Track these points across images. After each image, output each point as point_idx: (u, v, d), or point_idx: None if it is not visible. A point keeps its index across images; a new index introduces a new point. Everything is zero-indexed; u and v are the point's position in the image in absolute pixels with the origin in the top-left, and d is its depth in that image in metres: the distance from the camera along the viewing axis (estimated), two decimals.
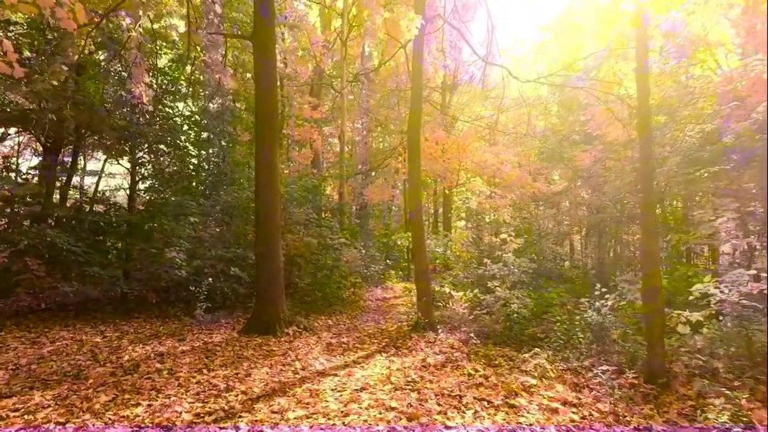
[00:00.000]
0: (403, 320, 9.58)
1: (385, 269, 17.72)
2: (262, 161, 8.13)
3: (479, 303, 8.12)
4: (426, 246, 8.63)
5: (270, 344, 7.13)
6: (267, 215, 8.08)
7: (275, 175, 8.13)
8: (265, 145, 8.11)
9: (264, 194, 8.11)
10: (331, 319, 9.72)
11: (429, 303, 8.26)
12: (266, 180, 8.09)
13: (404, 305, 12.70)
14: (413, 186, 8.62)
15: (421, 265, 8.40)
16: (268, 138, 8.12)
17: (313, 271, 11.41)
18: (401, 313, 11.13)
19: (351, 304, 11.79)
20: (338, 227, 13.74)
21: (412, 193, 8.45)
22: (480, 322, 8.02)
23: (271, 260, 8.02)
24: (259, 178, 8.20)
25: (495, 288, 7.91)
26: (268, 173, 8.09)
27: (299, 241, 11.45)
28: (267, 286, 8.00)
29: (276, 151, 8.20)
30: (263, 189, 8.12)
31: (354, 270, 13.11)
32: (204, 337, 7.64)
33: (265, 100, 8.13)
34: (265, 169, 8.11)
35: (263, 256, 8.05)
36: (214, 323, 8.82)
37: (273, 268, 8.03)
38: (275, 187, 8.12)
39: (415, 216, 8.64)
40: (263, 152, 8.12)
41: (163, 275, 10.01)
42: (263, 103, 8.15)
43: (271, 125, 8.14)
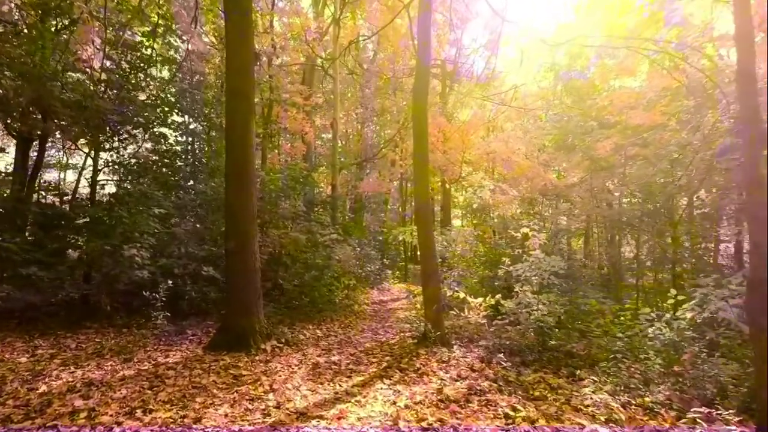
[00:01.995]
0: (407, 330, 7.97)
1: (382, 269, 16.12)
2: (234, 138, 6.51)
3: (501, 310, 6.53)
4: (435, 242, 7.03)
5: (240, 365, 5.50)
6: (239, 204, 6.45)
7: (249, 156, 6.51)
8: (237, 117, 6.49)
9: (236, 179, 6.48)
10: (321, 329, 8.09)
11: (440, 311, 6.68)
12: (238, 161, 6.47)
13: (404, 310, 11.10)
14: (420, 171, 7.03)
15: (429, 265, 6.81)
16: (241, 109, 6.49)
17: (300, 271, 9.77)
18: (402, 320, 9.53)
19: (344, 309, 10.17)
20: (330, 222, 12.10)
21: (418, 179, 6.88)
22: (501, 334, 6.45)
23: (244, 258, 6.39)
24: (230, 158, 6.57)
25: (521, 292, 6.33)
26: (241, 152, 6.47)
27: (285, 237, 9.81)
28: (239, 291, 6.36)
29: (251, 127, 6.57)
30: (235, 172, 6.50)
31: (347, 270, 11.48)
32: (158, 355, 5.98)
33: (237, 65, 6.50)
34: (237, 148, 6.48)
35: (235, 254, 6.42)
36: (178, 335, 7.17)
37: (247, 267, 6.40)
38: (249, 171, 6.50)
39: (422, 207, 7.05)
40: (235, 127, 6.50)
41: (122, 277, 8.37)
42: (235, 68, 6.53)
43: (245, 93, 6.51)
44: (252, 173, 6.53)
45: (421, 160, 7.12)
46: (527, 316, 6.17)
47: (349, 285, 11.48)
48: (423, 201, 7.05)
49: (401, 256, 20.46)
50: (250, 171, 6.49)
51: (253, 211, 6.56)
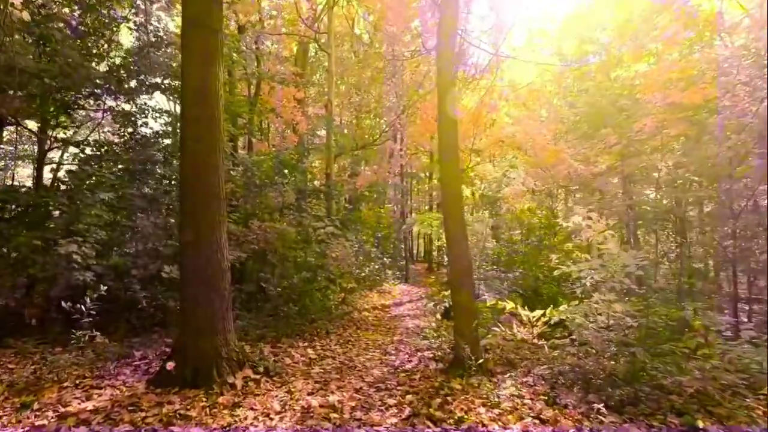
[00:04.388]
0: (424, 348, 6.05)
1: (382, 268, 14.17)
2: (191, 84, 4.54)
3: (567, 328, 4.65)
4: (467, 236, 5.11)
5: (191, 415, 3.54)
6: (199, 178, 4.49)
7: (212, 109, 4.55)
8: (194, 55, 4.52)
9: (194, 142, 4.51)
10: (314, 346, 6.13)
11: (476, 327, 4.77)
12: (197, 117, 4.51)
13: (413, 317, 9.18)
14: (448, 150, 5.15)
15: (460, 265, 4.89)
16: (200, 45, 4.53)
17: (290, 271, 7.79)
18: (414, 331, 7.61)
19: (342, 317, 8.21)
20: (326, 213, 10.13)
21: (446, 158, 5.03)
22: (564, 359, 4.55)
23: (206, 255, 4.43)
24: (186, 113, 4.60)
25: (598, 301, 4.44)
26: (201, 103, 4.50)
27: (271, 230, 7.82)
28: (198, 299, 4.40)
29: (215, 71, 4.60)
30: (193, 134, 4.53)
31: (346, 270, 9.52)
32: (76, 397, 4.00)
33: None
34: (195, 98, 4.51)
35: (192, 249, 4.45)
36: (119, 360, 5.17)
37: (210, 267, 4.43)
38: (212, 131, 4.53)
39: (450, 192, 5.14)
40: (192, 69, 4.53)
41: (59, 280, 6.39)
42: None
43: (206, 23, 4.53)
44: (217, 135, 4.56)
45: (448, 136, 5.21)
46: (604, 335, 4.29)
47: (348, 288, 9.52)
48: (452, 185, 5.13)
49: (401, 254, 18.51)
50: (213, 132, 4.52)
51: (219, 189, 4.59)
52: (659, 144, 9.90)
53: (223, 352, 4.42)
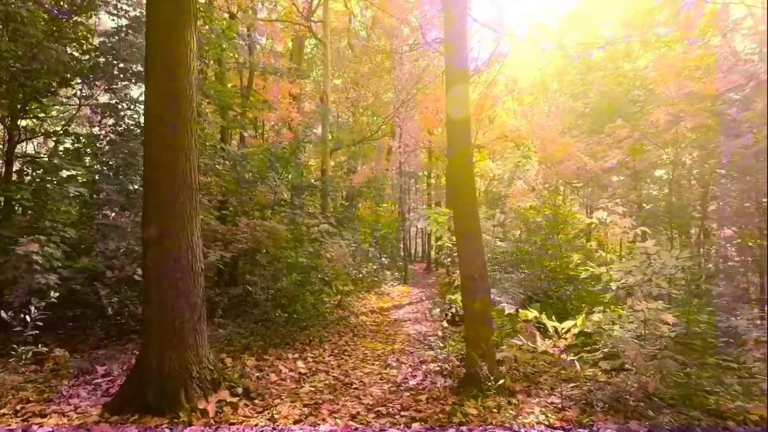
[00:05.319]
0: (428, 360, 5.32)
1: (380, 269, 13.43)
2: (157, 61, 3.81)
3: (593, 338, 3.93)
4: (481, 234, 4.39)
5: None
6: (164, 168, 3.75)
7: (181, 89, 3.80)
8: (159, 23, 3.79)
9: (158, 127, 3.78)
10: (305, 358, 5.39)
11: (491, 340, 4.04)
12: (164, 97, 3.76)
13: (413, 321, 8.47)
14: (457, 133, 4.44)
15: (473, 265, 4.16)
16: (164, 10, 3.78)
17: (281, 272, 7.04)
18: (414, 337, 6.91)
19: (336, 323, 7.46)
20: (320, 210, 9.38)
21: (455, 142, 4.30)
22: (596, 378, 3.82)
23: (173, 254, 3.69)
24: (149, 90, 3.85)
25: (642, 309, 3.72)
26: (169, 84, 3.76)
27: (260, 228, 7.08)
28: (164, 307, 3.65)
29: (186, 44, 3.85)
30: (157, 111, 3.78)
31: (341, 271, 8.78)
32: (15, 425, 3.24)
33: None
34: (162, 78, 3.79)
35: (157, 247, 3.70)
36: (80, 377, 4.42)
37: (176, 271, 3.69)
38: (181, 115, 3.80)
39: (460, 183, 4.42)
40: (157, 41, 3.79)
41: (21, 282, 5.63)
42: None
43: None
44: (186, 114, 3.81)
45: (459, 119, 4.48)
46: (644, 348, 3.57)
47: (344, 291, 8.78)
48: (463, 177, 4.40)
49: (399, 254, 17.78)
50: (182, 110, 3.78)
51: (191, 177, 3.85)
52: (672, 137, 9.22)
53: (193, 370, 3.67)
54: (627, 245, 6.93)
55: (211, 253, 6.31)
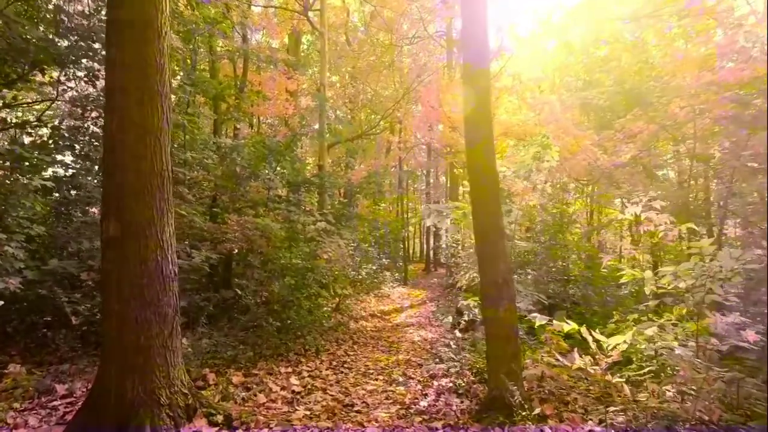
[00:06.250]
0: (438, 374, 4.67)
1: (379, 270, 12.78)
2: (121, 23, 3.13)
3: (635, 353, 3.29)
4: (504, 232, 3.73)
5: None
6: (128, 151, 3.07)
7: (150, 56, 3.13)
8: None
9: (121, 101, 3.10)
10: (299, 372, 4.72)
11: (518, 356, 3.40)
12: (129, 66, 3.10)
13: (416, 326, 7.83)
14: (478, 121, 3.80)
15: (496, 269, 3.51)
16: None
17: (275, 274, 6.37)
18: (420, 345, 6.27)
19: (334, 329, 6.79)
20: (317, 207, 8.71)
21: (475, 122, 3.66)
22: (646, 404, 3.17)
23: (137, 258, 3.02)
24: (111, 59, 3.17)
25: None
26: (135, 51, 3.10)
27: (251, 226, 6.39)
28: (126, 323, 2.97)
29: (154, 2, 3.17)
30: (121, 89, 3.11)
31: (340, 273, 8.11)
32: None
33: None
34: (127, 43, 3.11)
35: (116, 249, 3.02)
36: (35, 399, 3.74)
37: (143, 276, 3.03)
38: (150, 87, 3.13)
39: (482, 177, 3.77)
40: None
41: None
42: None
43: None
44: (156, 87, 3.14)
45: (479, 102, 3.83)
46: (701, 371, 2.93)
47: (342, 294, 8.11)
48: (485, 169, 3.74)
49: (399, 254, 17.15)
50: (151, 81, 3.11)
51: (163, 164, 3.18)
52: (691, 130, 8.61)
53: (162, 396, 3.00)
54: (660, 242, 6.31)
55: (195, 254, 5.63)
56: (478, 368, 4.62)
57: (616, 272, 8.05)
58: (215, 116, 9.50)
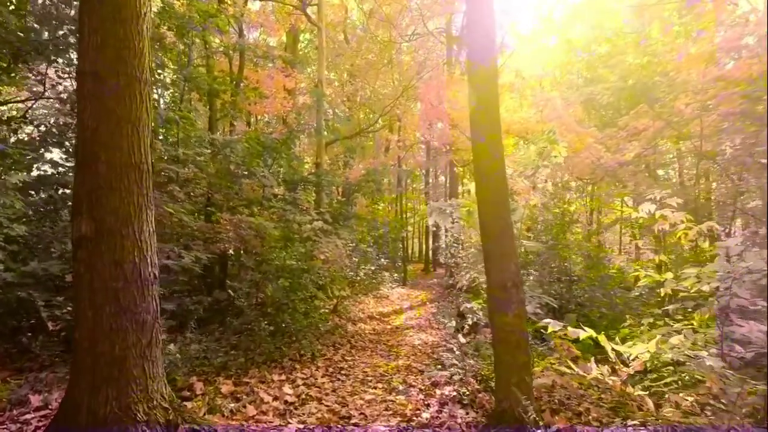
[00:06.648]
0: (442, 381, 4.39)
1: (378, 270, 12.50)
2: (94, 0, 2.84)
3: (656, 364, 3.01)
4: (513, 231, 3.45)
5: None
6: (100, 142, 2.78)
7: (126, 36, 2.85)
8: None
9: (95, 88, 2.81)
10: (293, 380, 4.43)
11: (529, 365, 3.12)
12: (104, 46, 2.81)
13: (416, 328, 7.55)
14: (483, 100, 3.52)
15: (505, 270, 3.23)
16: None
17: (267, 276, 6.07)
18: (420, 349, 5.99)
19: (331, 333, 6.51)
20: (314, 206, 8.41)
21: (481, 115, 3.36)
22: (669, 417, 2.89)
23: (111, 260, 2.72)
24: (83, 39, 2.87)
25: None
26: (111, 29, 2.81)
27: (245, 225, 6.10)
28: (99, 331, 2.68)
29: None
30: (94, 73, 2.82)
31: (338, 273, 7.83)
32: None
33: None
34: (104, 21, 2.82)
35: (88, 249, 2.73)
36: (8, 410, 3.44)
37: (118, 279, 2.74)
38: (127, 71, 2.84)
39: (490, 173, 3.48)
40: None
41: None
42: None
43: None
44: (134, 71, 2.86)
45: (486, 94, 3.55)
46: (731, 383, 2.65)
47: (340, 296, 7.83)
48: (492, 164, 3.46)
49: (399, 254, 16.88)
50: (129, 65, 2.83)
51: (141, 156, 2.89)
52: (697, 127, 8.36)
53: (140, 412, 2.71)
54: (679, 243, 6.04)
55: (185, 254, 5.33)
56: (483, 375, 4.35)
57: (621, 274, 7.80)
58: (210, 113, 9.21)
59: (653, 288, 4.53)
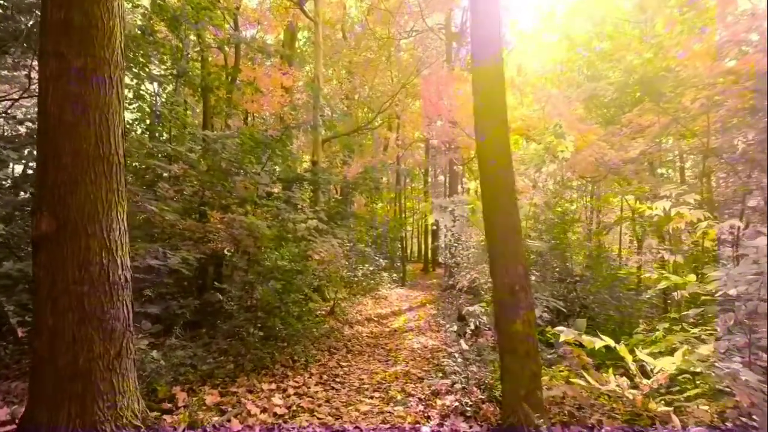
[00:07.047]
0: (443, 390, 4.10)
1: (376, 270, 12.21)
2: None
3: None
4: (521, 232, 3.17)
5: None
6: (64, 129, 2.48)
7: (92, 14, 2.54)
8: None
9: (59, 67, 2.50)
10: (284, 389, 4.14)
11: (539, 376, 2.83)
12: (68, 25, 2.50)
13: (416, 331, 7.27)
14: (487, 92, 3.24)
15: (512, 273, 2.94)
16: None
17: (259, 277, 5.77)
18: (420, 353, 5.70)
19: (326, 337, 6.22)
20: (310, 204, 8.11)
21: (486, 109, 3.07)
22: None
23: (77, 261, 2.43)
24: (46, 18, 2.57)
25: None
26: (76, 6, 2.51)
27: (236, 224, 5.80)
28: (60, 340, 2.38)
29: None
30: (56, 54, 2.52)
31: (334, 274, 7.54)
32: None
33: None
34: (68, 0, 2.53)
35: (50, 249, 2.43)
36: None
37: (83, 282, 2.44)
38: (95, 52, 2.54)
39: (495, 170, 3.20)
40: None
41: None
42: None
43: None
44: (103, 53, 2.57)
45: (492, 85, 3.27)
46: None
47: (336, 298, 7.53)
48: (498, 160, 3.17)
49: (397, 254, 16.57)
50: (96, 45, 2.54)
51: (111, 145, 2.60)
52: (703, 123, 8.09)
53: (106, 431, 2.41)
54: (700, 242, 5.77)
55: (171, 254, 5.04)
56: (487, 383, 4.05)
57: (626, 275, 7.50)
58: (204, 109, 8.91)
59: (667, 291, 4.26)
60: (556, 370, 3.72)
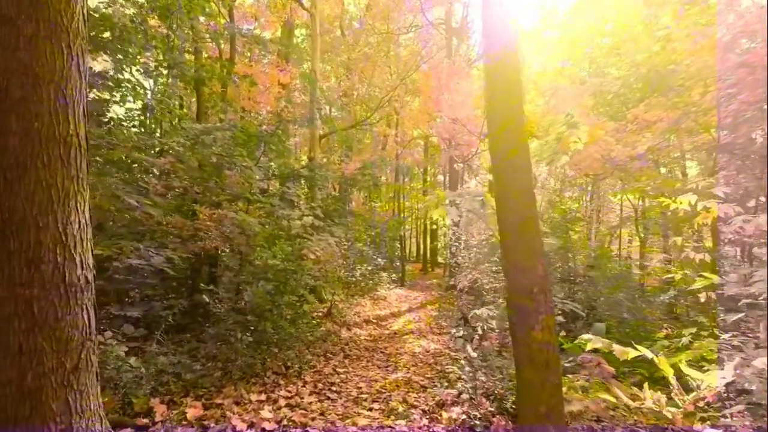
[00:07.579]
0: (449, 400, 3.73)
1: (375, 270, 11.84)
2: None
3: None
4: (540, 232, 2.81)
5: None
6: (11, 105, 2.11)
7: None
8: None
9: (6, 34, 2.12)
10: (275, 400, 3.77)
11: (560, 390, 2.47)
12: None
13: (417, 334, 6.91)
14: (501, 81, 2.86)
15: (529, 274, 2.59)
16: None
17: (248, 279, 5.40)
18: (421, 358, 5.35)
19: (322, 341, 5.84)
20: (306, 201, 7.74)
21: (500, 97, 2.69)
22: None
23: (25, 259, 2.05)
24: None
25: None
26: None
27: (227, 222, 5.43)
28: (2, 349, 2.00)
29: None
30: (5, 15, 2.13)
31: (331, 274, 7.16)
32: None
33: None
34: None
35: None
36: None
37: (31, 285, 2.06)
38: (49, 13, 2.16)
39: (509, 156, 2.84)
40: None
41: None
42: None
43: None
44: (58, 7, 2.19)
45: (506, 72, 2.92)
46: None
47: (333, 300, 7.16)
48: (516, 147, 2.81)
49: (396, 253, 16.20)
50: (49, 7, 2.17)
51: (69, 124, 2.22)
52: (714, 117, 7.76)
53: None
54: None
55: (153, 252, 4.66)
56: (497, 393, 3.70)
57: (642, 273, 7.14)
58: (197, 103, 8.54)
59: (695, 292, 3.90)
60: (573, 380, 3.36)
